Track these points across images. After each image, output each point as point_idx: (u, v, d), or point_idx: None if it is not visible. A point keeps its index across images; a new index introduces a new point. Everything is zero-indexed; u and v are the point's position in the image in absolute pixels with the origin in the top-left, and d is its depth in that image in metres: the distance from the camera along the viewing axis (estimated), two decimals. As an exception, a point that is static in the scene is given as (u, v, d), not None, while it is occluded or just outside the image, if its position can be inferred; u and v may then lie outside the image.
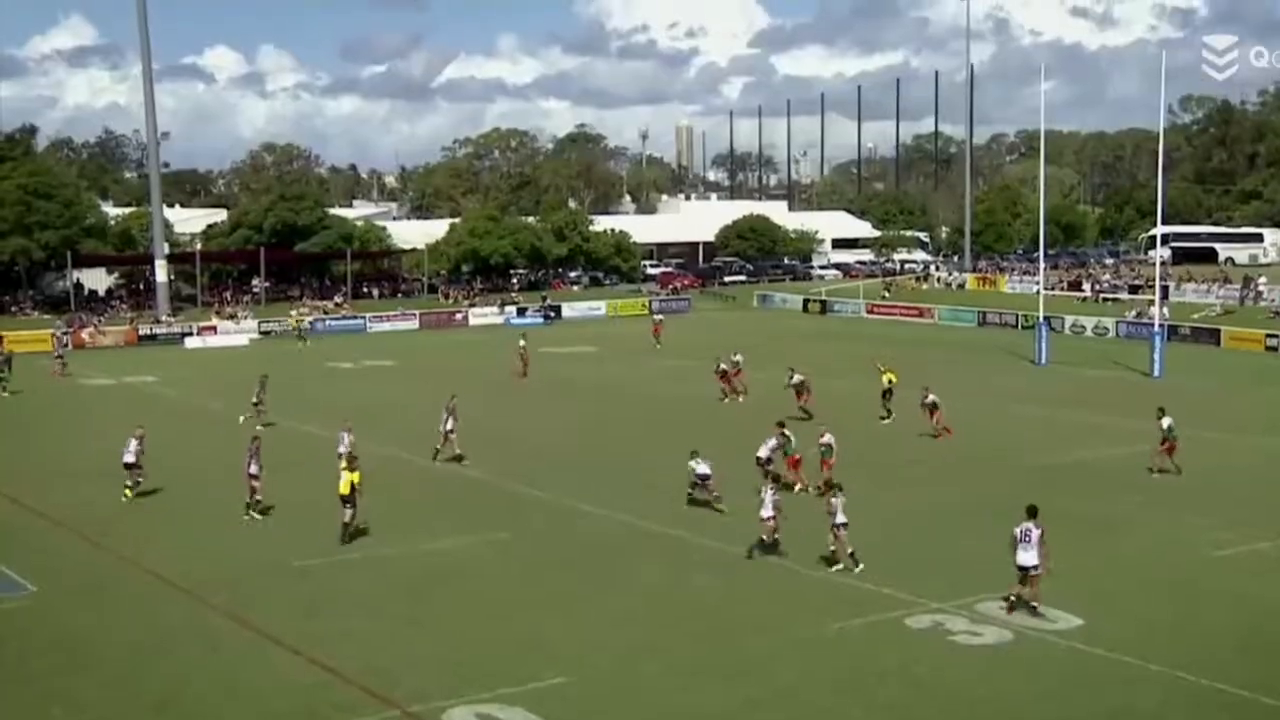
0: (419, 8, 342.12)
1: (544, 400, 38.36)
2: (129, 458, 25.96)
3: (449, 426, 28.95)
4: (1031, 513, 18.09)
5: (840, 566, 20.18)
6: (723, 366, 37.40)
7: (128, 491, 25.95)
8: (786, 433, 25.74)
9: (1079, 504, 23.70)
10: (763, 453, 25.06)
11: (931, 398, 32.18)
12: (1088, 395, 39.05)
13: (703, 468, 24.22)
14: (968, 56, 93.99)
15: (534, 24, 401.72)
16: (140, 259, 71.91)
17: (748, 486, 22.74)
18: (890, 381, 34.52)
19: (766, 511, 20.86)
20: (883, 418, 34.17)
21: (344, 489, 22.46)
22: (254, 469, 24.25)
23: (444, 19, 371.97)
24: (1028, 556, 17.86)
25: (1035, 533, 17.91)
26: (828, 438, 25.59)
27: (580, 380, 42.80)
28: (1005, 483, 26.31)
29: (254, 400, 34.81)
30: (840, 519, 20.29)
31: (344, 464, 23.14)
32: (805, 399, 34.25)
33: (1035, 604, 17.89)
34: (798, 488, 25.00)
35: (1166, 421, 27.35)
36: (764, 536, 20.95)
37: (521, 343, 45.64)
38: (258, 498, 24.34)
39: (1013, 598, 18.05)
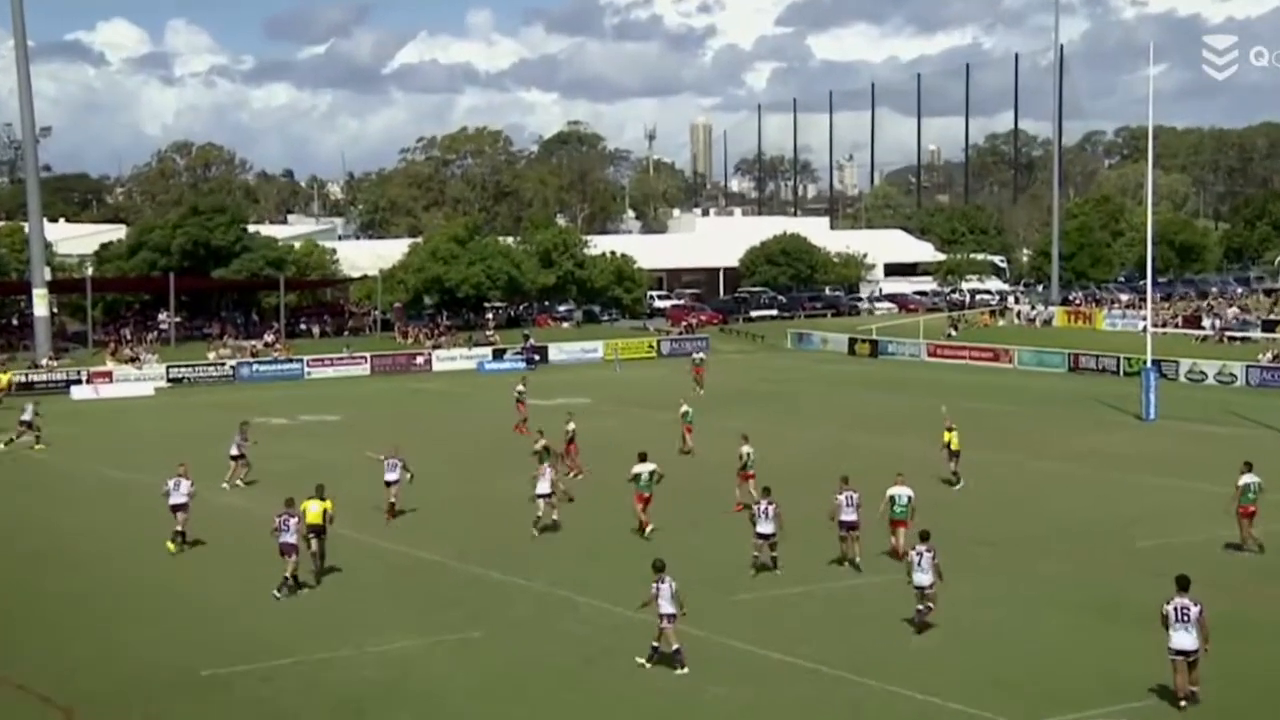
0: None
1: (526, 461, 38.15)
2: (178, 499, 28.35)
3: (392, 476, 30.98)
4: (1183, 585, 18.69)
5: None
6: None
7: (170, 545, 28.13)
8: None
9: (1202, 597, 23.38)
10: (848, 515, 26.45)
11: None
12: (1210, 459, 38.77)
13: (765, 525, 25.60)
14: (1056, 34, 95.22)
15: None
16: (13, 287, 72.05)
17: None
18: (950, 444, 35.16)
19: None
20: (951, 482, 34.48)
21: (314, 517, 25.19)
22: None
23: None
24: (1186, 639, 18.32)
25: (1194, 610, 18.35)
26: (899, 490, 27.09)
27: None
28: (1108, 568, 26.08)
29: (234, 453, 36.42)
30: (924, 579, 21.82)
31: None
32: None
33: (1195, 689, 18.34)
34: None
35: (1246, 479, 27.45)
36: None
37: (520, 388, 46.50)
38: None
39: (1180, 695, 18.36)
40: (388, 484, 31.18)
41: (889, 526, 26.95)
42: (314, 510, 25.61)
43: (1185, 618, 18.29)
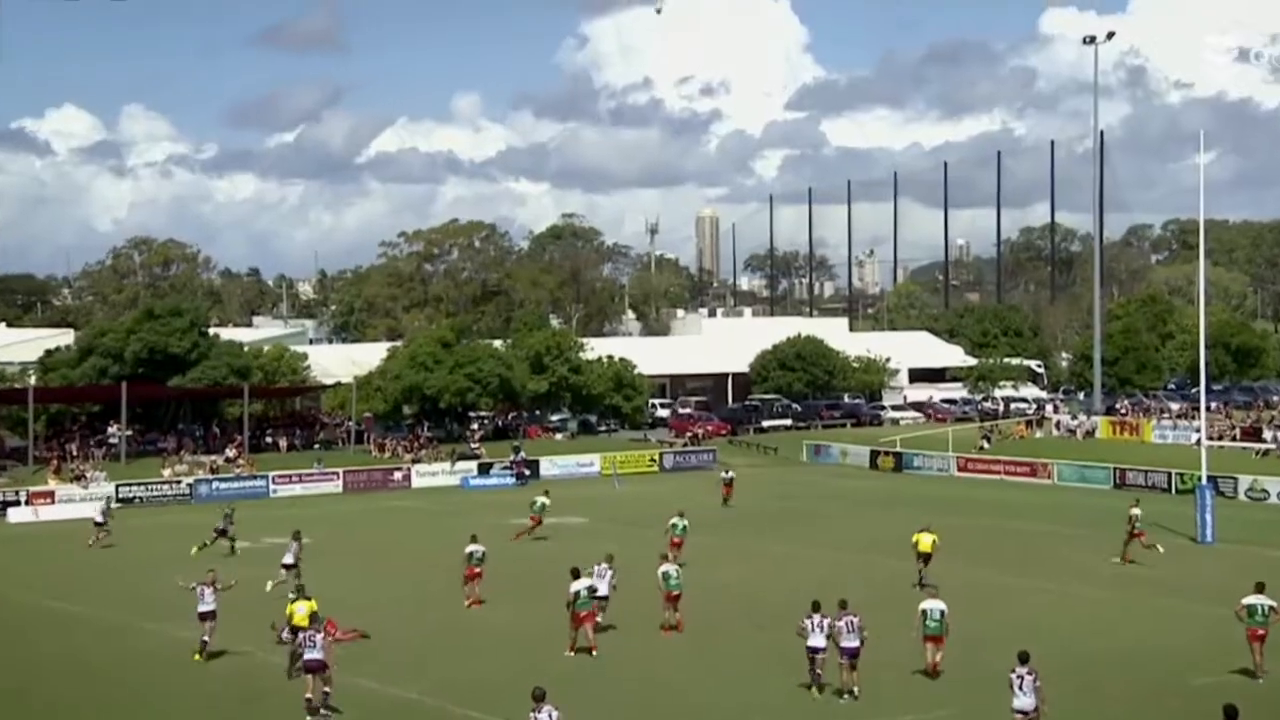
0: (339, 53, 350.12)
1: (514, 590, 37.98)
2: (205, 606, 30.37)
3: (206, 608, 31.02)
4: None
5: None
6: None
7: (198, 655, 30.12)
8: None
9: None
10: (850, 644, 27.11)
11: None
12: (1275, 587, 38.52)
13: (851, 641, 26.55)
14: (1095, 118, 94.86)
15: (498, 78, 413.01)
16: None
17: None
18: (920, 545, 37.97)
19: None
20: (917, 585, 36.20)
21: (301, 620, 27.65)
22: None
23: (374, 71, 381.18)
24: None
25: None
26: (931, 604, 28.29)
27: (565, 562, 42.41)
28: (1162, 710, 25.82)
29: (288, 561, 37.61)
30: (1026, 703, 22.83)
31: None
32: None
33: None
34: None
35: (1252, 599, 28.47)
36: None
37: (542, 500, 48.80)
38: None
39: None
40: (201, 616, 30.90)
41: (923, 642, 27.81)
42: (300, 612, 28.17)
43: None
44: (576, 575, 30.97)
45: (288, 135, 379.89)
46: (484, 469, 70.21)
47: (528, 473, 69.95)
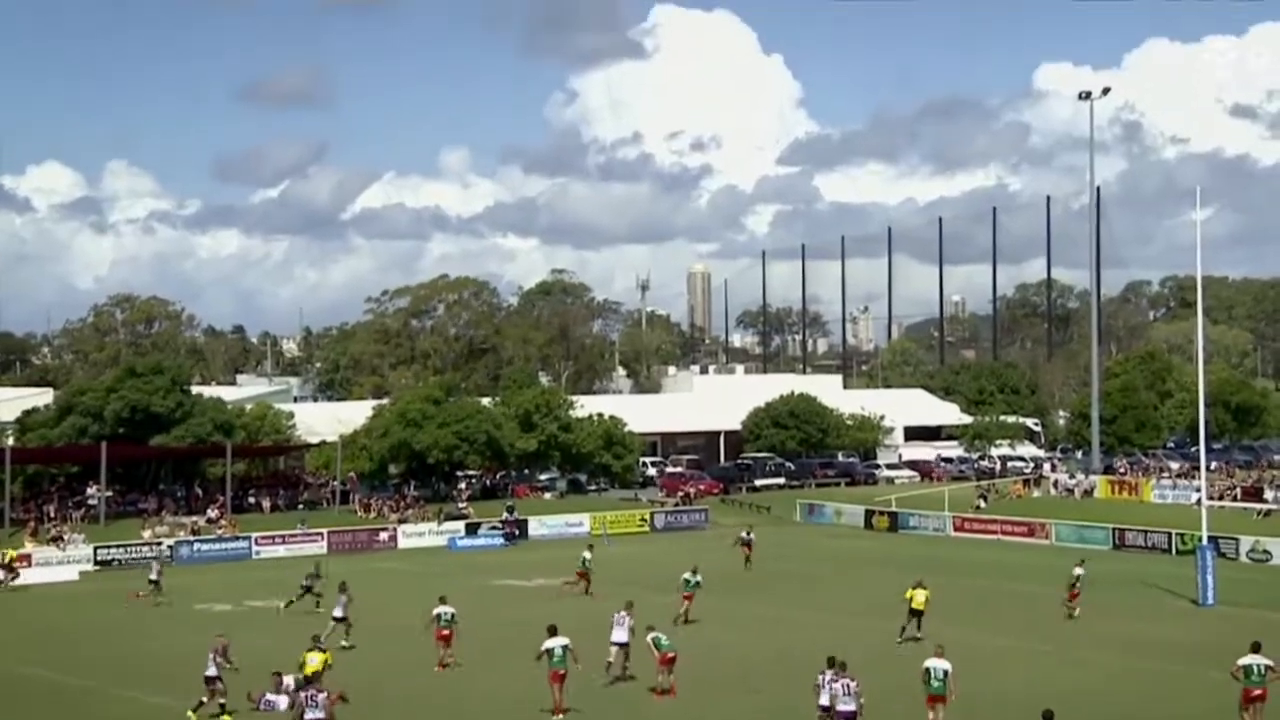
0: (325, 109, 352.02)
1: (502, 651, 37.76)
2: (210, 670, 30.52)
3: (211, 671, 31.00)
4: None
5: None
6: None
7: (191, 715, 30.15)
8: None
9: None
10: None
11: None
12: (1277, 650, 38.43)
13: (848, 705, 26.74)
14: (1091, 173, 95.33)
15: (487, 133, 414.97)
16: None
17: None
18: (914, 601, 39.01)
19: None
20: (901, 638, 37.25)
21: (312, 669, 28.94)
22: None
23: (360, 126, 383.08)
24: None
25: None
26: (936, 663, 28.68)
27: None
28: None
29: (339, 615, 39.37)
30: None
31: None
32: None
33: None
34: None
35: (1248, 659, 28.49)
36: None
37: (587, 555, 50.04)
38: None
39: None
40: (206, 680, 30.89)
41: (926, 702, 28.12)
42: (313, 662, 29.72)
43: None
44: (553, 633, 31.15)
45: (272, 191, 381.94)
46: (471, 529, 69.96)
47: (517, 533, 69.75)
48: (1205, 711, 31.51)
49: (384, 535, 68.60)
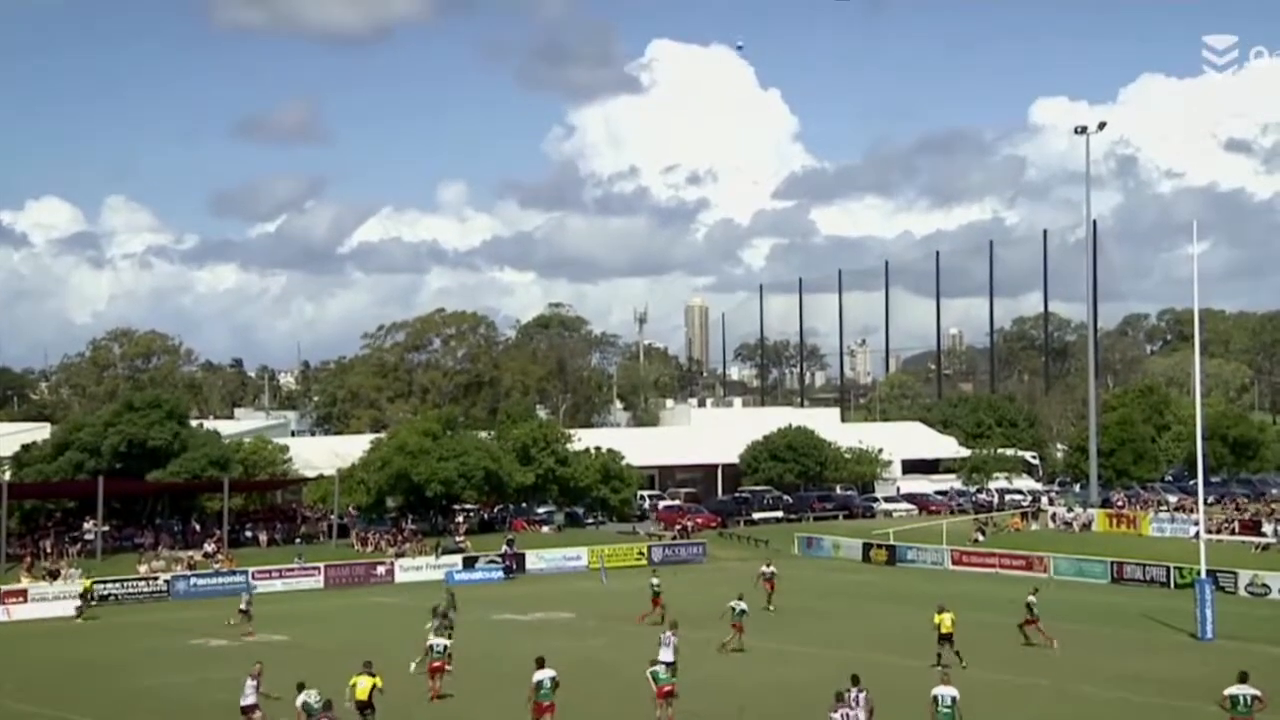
0: (322, 144, 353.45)
1: (499, 686, 37.70)
2: (248, 699, 31.13)
3: (249, 700, 31.86)
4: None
5: None
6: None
7: None
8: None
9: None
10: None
11: None
12: (1276, 684, 38.39)
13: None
14: (1088, 207, 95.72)
15: (484, 167, 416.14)
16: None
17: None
18: (942, 626, 40.29)
19: None
20: (939, 664, 38.22)
21: (362, 694, 30.29)
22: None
23: (357, 160, 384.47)
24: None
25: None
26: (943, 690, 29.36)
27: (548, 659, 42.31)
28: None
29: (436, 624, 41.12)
30: None
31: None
32: None
33: None
34: None
35: (1235, 689, 29.26)
36: None
37: (655, 581, 51.63)
38: None
39: None
40: (243, 710, 31.94)
41: None
42: (362, 686, 30.69)
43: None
44: (541, 665, 31.49)
45: (269, 225, 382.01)
46: (469, 563, 69.89)
47: (515, 567, 69.69)
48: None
49: (381, 569, 68.52)
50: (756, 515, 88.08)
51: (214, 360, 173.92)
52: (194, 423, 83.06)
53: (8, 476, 75.71)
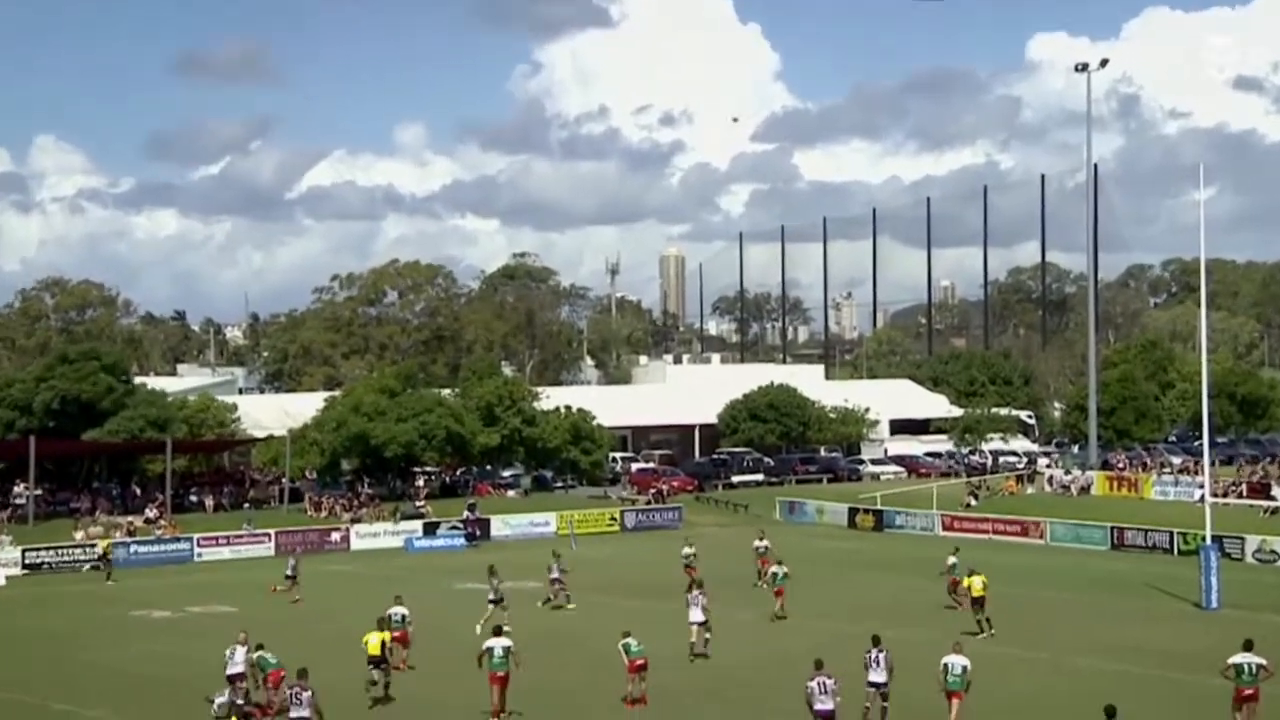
0: (270, 82, 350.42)
1: (449, 661, 37.75)
2: (236, 668, 31.78)
3: (238, 669, 32.12)
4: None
5: None
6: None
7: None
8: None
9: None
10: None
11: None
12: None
13: (877, 674, 29.95)
14: (1089, 151, 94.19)
15: (444, 108, 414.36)
16: None
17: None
18: (974, 589, 41.74)
19: None
20: (976, 632, 39.46)
21: (374, 650, 32.90)
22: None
23: (307, 100, 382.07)
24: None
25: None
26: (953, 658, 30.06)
27: (516, 630, 42.35)
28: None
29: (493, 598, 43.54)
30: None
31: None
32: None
33: None
34: None
35: (1239, 658, 29.27)
36: None
37: (761, 543, 53.47)
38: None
39: None
40: (229, 679, 31.85)
41: (945, 699, 29.48)
42: (374, 641, 33.20)
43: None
44: (498, 633, 32.14)
45: (212, 168, 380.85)
46: (430, 529, 69.90)
47: (478, 533, 69.73)
48: (1209, 720, 31.67)
49: (336, 536, 68.48)
50: (736, 478, 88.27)
51: (155, 312, 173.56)
52: (135, 380, 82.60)
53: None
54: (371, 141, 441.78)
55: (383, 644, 33.21)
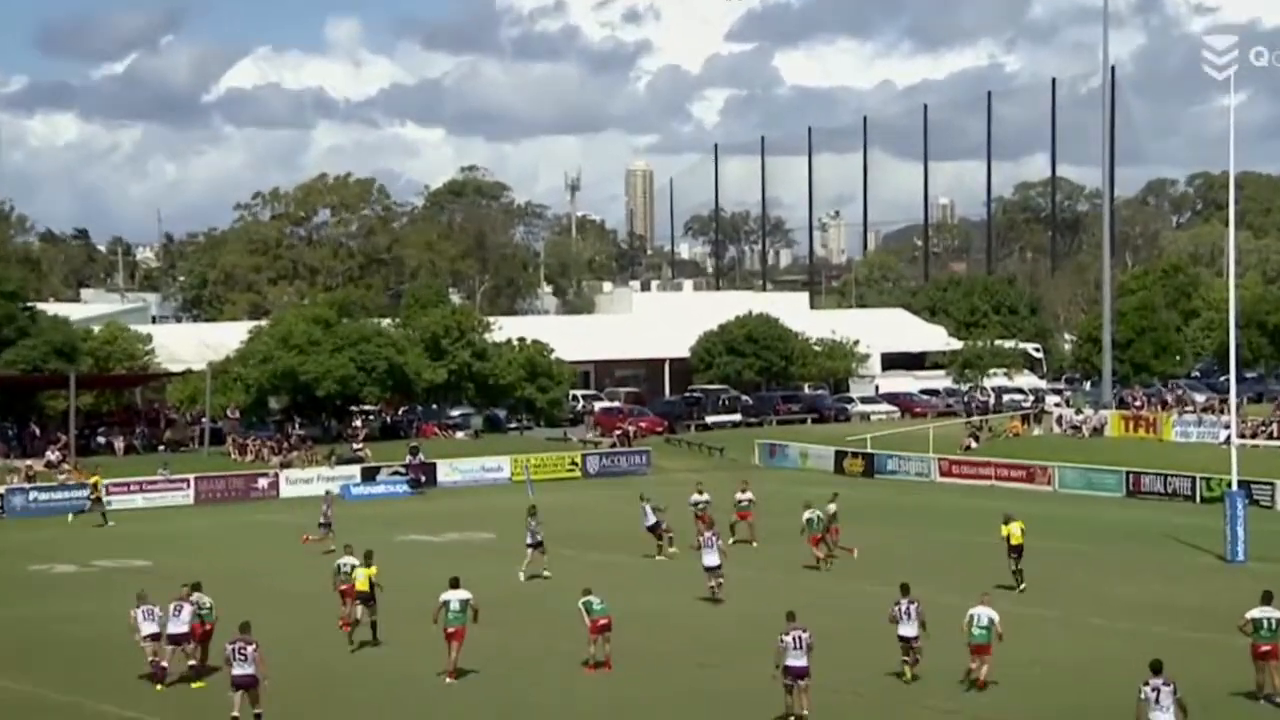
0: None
1: (407, 621, 37.85)
2: (181, 627, 31.69)
3: (182, 628, 32.00)
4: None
5: None
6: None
7: (199, 683, 31.40)
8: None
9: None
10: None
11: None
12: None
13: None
14: (1105, 52, 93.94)
15: (380, 1, 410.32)
16: None
17: None
18: (1012, 537, 42.70)
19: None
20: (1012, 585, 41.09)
21: (362, 586, 34.73)
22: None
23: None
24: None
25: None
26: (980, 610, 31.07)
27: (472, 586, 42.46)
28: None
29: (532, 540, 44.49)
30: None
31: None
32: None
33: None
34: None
35: (1258, 612, 29.66)
36: None
37: (700, 497, 50.30)
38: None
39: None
40: (172, 639, 32.07)
41: (969, 652, 30.57)
42: (360, 578, 34.96)
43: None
44: (455, 585, 32.73)
45: (116, 66, 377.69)
46: (369, 475, 69.93)
47: (423, 479, 69.81)
48: (1232, 683, 31.92)
49: (263, 482, 68.57)
50: (710, 419, 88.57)
51: (55, 229, 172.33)
52: (32, 305, 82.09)
53: None
54: (299, 38, 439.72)
55: (370, 580, 34.79)
